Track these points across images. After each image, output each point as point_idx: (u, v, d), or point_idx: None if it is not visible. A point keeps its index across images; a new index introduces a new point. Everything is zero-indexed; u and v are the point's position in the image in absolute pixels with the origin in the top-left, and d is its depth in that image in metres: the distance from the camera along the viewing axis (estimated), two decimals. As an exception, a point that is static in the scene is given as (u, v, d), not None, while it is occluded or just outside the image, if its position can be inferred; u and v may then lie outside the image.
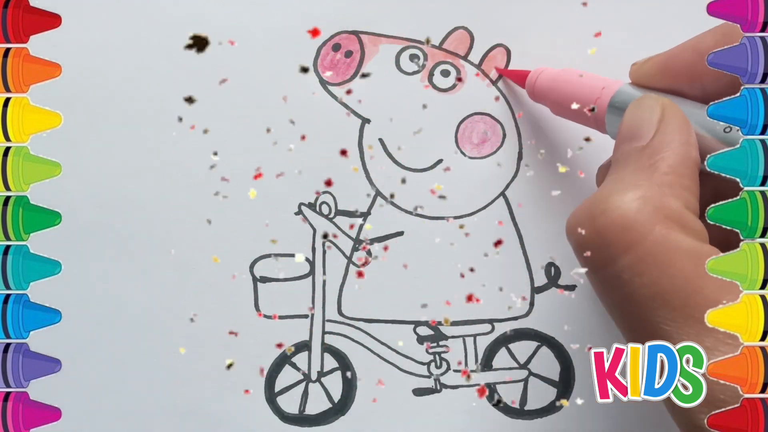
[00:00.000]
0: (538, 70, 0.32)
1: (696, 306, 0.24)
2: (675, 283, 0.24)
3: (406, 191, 0.33)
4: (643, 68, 0.29)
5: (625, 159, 0.26)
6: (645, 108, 0.27)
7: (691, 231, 0.25)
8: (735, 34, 0.27)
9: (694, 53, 0.28)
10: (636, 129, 0.27)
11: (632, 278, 0.24)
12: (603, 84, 0.30)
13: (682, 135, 0.26)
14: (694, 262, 0.24)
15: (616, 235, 0.24)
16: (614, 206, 0.25)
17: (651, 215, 0.24)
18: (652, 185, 0.25)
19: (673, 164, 0.25)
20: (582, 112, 0.30)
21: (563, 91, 0.31)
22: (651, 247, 0.24)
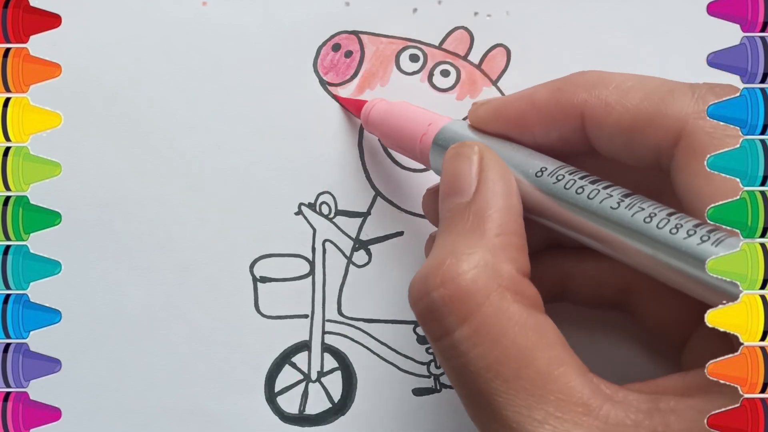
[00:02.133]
0: (372, 102, 0.32)
1: (527, 378, 0.24)
2: (507, 354, 0.24)
3: (406, 191, 0.33)
4: (479, 111, 0.29)
5: (452, 218, 0.26)
6: (463, 158, 0.27)
7: (523, 298, 0.25)
8: (568, 89, 0.27)
9: (528, 103, 0.28)
10: (456, 182, 0.27)
11: (468, 349, 0.24)
12: (430, 120, 0.30)
13: (503, 186, 0.26)
14: (526, 334, 0.24)
15: (452, 306, 0.24)
16: (449, 278, 0.25)
17: (485, 284, 0.24)
18: (484, 251, 0.25)
19: (500, 223, 0.25)
20: (410, 148, 0.30)
21: (393, 125, 0.31)
22: (485, 318, 0.24)
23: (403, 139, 0.30)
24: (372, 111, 0.32)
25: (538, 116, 0.28)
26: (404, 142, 0.30)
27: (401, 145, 0.31)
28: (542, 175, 0.27)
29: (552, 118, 0.27)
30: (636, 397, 0.24)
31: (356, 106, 0.33)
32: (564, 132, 0.27)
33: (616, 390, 0.24)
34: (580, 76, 0.28)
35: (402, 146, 0.31)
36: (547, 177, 0.27)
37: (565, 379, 0.24)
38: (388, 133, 0.31)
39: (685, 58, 0.33)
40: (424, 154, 0.30)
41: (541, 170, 0.27)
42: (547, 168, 0.27)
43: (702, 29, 0.33)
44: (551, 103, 0.27)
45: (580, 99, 0.27)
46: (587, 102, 0.27)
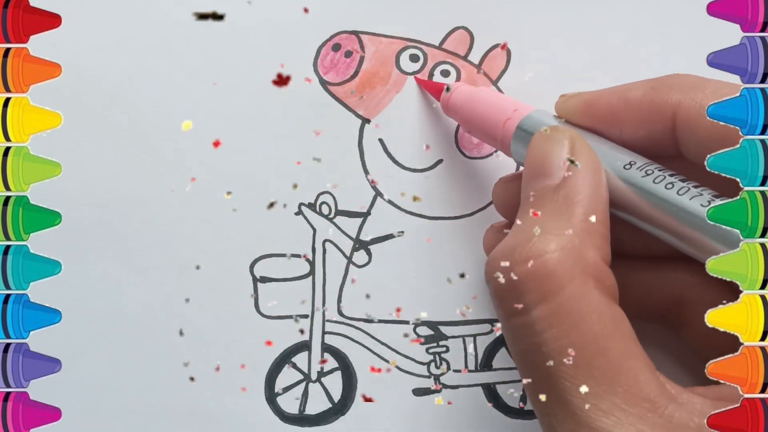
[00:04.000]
0: (454, 85, 0.32)
1: (598, 367, 0.24)
2: (583, 340, 0.24)
3: (406, 191, 0.33)
4: (569, 102, 0.29)
5: (540, 199, 0.26)
6: (553, 142, 0.27)
7: (604, 287, 0.25)
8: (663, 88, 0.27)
9: (620, 99, 0.28)
10: (546, 165, 0.27)
11: (543, 329, 0.24)
12: (515, 106, 0.30)
13: (593, 175, 0.26)
14: (603, 322, 0.24)
15: (534, 284, 0.24)
16: (536, 255, 0.24)
17: (570, 267, 0.24)
18: (572, 236, 0.25)
19: (589, 209, 0.25)
20: (490, 132, 0.30)
21: (475, 109, 0.31)
22: (566, 300, 0.24)
23: (485, 123, 0.30)
24: (454, 93, 0.32)
25: (629, 113, 0.28)
26: (486, 127, 0.30)
27: (483, 129, 0.30)
28: (631, 168, 0.26)
29: (644, 116, 0.27)
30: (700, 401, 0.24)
31: (436, 89, 0.32)
32: (654, 132, 0.27)
33: (680, 391, 0.24)
34: (677, 78, 0.27)
35: (483, 131, 0.30)
36: (635, 170, 0.26)
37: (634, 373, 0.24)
38: (469, 117, 0.31)
39: (685, 58, 0.33)
40: (506, 140, 0.29)
41: (630, 164, 0.27)
42: (636, 162, 0.27)
43: (702, 29, 0.33)
44: (644, 101, 0.27)
45: (674, 100, 0.27)
46: (682, 103, 0.27)
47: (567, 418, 0.24)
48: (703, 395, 0.24)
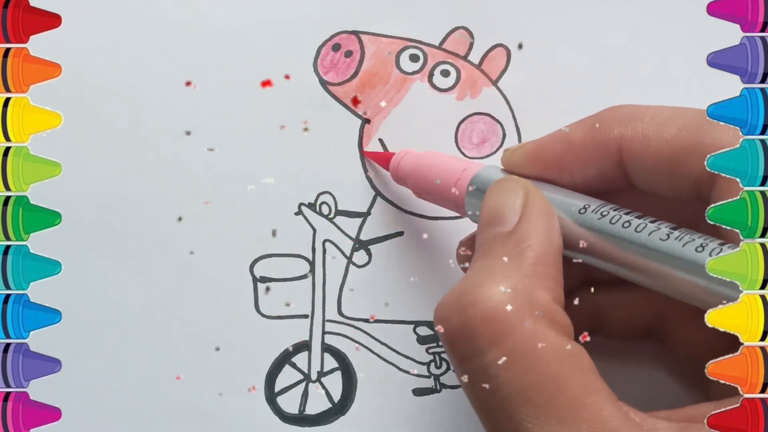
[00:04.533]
0: (401, 153, 0.32)
1: (559, 405, 0.23)
2: (540, 380, 0.23)
3: (406, 191, 0.33)
4: (514, 155, 0.29)
5: (491, 245, 0.26)
6: (507, 191, 0.27)
7: (558, 326, 0.25)
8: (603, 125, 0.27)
9: (564, 144, 0.28)
10: (499, 213, 0.27)
11: (498, 372, 0.24)
12: (464, 166, 0.30)
13: (545, 221, 0.26)
14: (560, 360, 0.24)
15: (485, 327, 0.24)
16: (484, 297, 0.24)
17: (521, 309, 0.24)
18: (521, 277, 0.25)
19: (539, 254, 0.25)
20: (443, 195, 0.30)
21: (425, 173, 0.31)
22: (519, 342, 0.24)
23: (436, 187, 0.30)
24: (401, 163, 0.32)
25: (575, 156, 0.28)
26: (438, 190, 0.30)
27: (435, 193, 0.30)
28: (586, 212, 0.26)
29: (590, 155, 0.27)
30: (665, 425, 0.24)
31: (384, 159, 0.33)
32: (602, 169, 0.27)
33: (644, 418, 0.24)
34: (615, 111, 0.27)
35: (436, 194, 0.30)
36: (591, 213, 0.26)
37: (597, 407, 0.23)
38: (420, 183, 0.31)
39: (685, 58, 0.33)
40: (459, 200, 0.29)
41: (585, 207, 0.27)
42: (590, 205, 0.27)
43: (702, 29, 0.33)
44: (588, 141, 0.27)
45: (616, 134, 0.27)
46: (624, 136, 0.27)
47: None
48: (668, 419, 0.24)
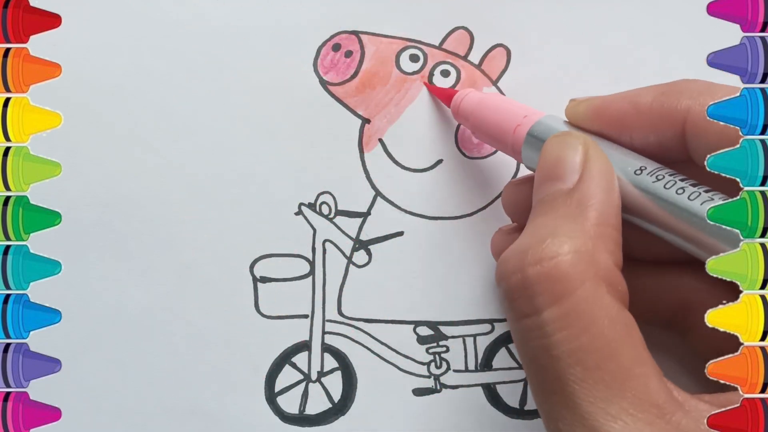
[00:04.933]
0: (464, 91, 0.32)
1: (608, 371, 0.23)
2: (594, 343, 0.24)
3: (406, 191, 0.33)
4: (578, 107, 0.29)
5: (552, 202, 0.26)
6: (567, 146, 0.27)
7: (616, 292, 0.25)
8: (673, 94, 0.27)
9: (630, 105, 0.28)
10: (559, 169, 0.27)
11: (554, 331, 0.24)
12: (525, 112, 0.29)
13: (606, 180, 0.26)
14: (615, 327, 0.24)
15: (546, 286, 0.24)
16: (548, 256, 0.24)
17: (583, 270, 0.24)
18: (584, 238, 0.25)
19: (602, 214, 0.25)
20: (501, 138, 0.30)
21: (485, 115, 0.31)
22: (577, 303, 0.24)
23: (495, 129, 0.30)
24: (464, 101, 0.32)
25: (639, 119, 0.28)
26: (497, 133, 0.30)
27: (494, 135, 0.30)
28: (641, 173, 0.26)
29: (654, 122, 0.27)
30: (706, 408, 0.24)
31: (446, 96, 0.33)
32: (664, 137, 0.27)
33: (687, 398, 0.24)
34: (686, 83, 0.27)
35: (494, 137, 0.30)
36: (646, 176, 0.26)
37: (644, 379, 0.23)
38: (479, 124, 0.31)
39: (685, 58, 0.33)
40: (517, 146, 0.29)
41: (641, 169, 0.27)
42: (646, 167, 0.27)
43: (702, 29, 0.33)
44: (654, 107, 0.27)
45: (684, 105, 0.27)
46: (691, 109, 0.27)
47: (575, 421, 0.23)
48: (710, 402, 0.24)
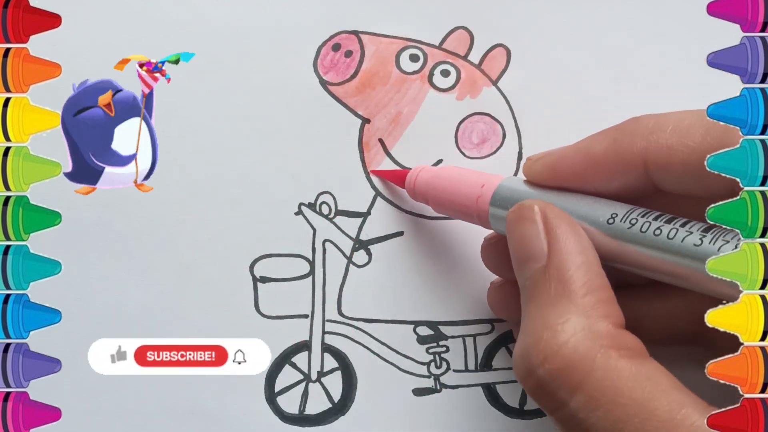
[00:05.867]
0: (416, 169, 0.32)
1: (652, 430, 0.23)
2: (627, 411, 0.23)
3: (406, 191, 0.33)
4: (535, 167, 0.29)
5: (534, 287, 0.26)
6: (526, 221, 0.27)
7: (628, 351, 0.25)
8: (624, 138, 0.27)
9: (584, 157, 0.28)
10: (527, 248, 0.26)
11: (586, 416, 0.24)
12: (482, 181, 0.29)
13: (575, 241, 0.26)
14: (641, 386, 0.24)
15: (561, 380, 0.24)
16: (552, 353, 0.24)
17: (588, 349, 0.24)
18: (577, 316, 0.25)
19: (584, 282, 0.25)
20: (464, 211, 0.30)
21: (443, 192, 0.30)
22: (597, 382, 0.24)
23: (457, 205, 0.30)
24: (417, 180, 0.31)
25: (597, 170, 0.27)
26: (459, 208, 0.30)
27: (456, 210, 0.30)
28: (614, 221, 0.26)
29: (612, 169, 0.27)
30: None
31: (399, 178, 0.32)
32: (627, 180, 0.27)
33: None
34: (635, 123, 0.27)
35: (457, 212, 0.30)
36: (619, 223, 0.26)
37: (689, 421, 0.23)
38: (439, 201, 0.31)
39: (685, 58, 0.33)
40: (483, 218, 0.29)
41: (612, 216, 0.26)
42: (617, 213, 0.26)
43: (702, 29, 0.33)
44: (610, 155, 0.27)
45: (639, 147, 0.26)
46: (648, 149, 0.26)
47: None
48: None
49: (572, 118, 0.33)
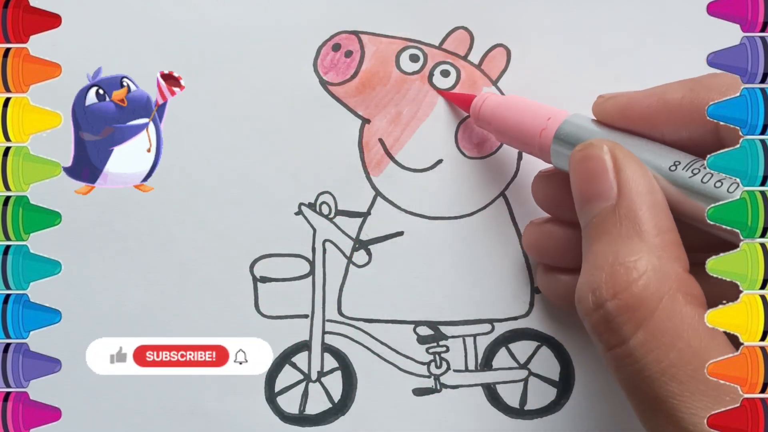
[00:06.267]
0: (483, 96, 0.32)
1: (703, 380, 0.24)
2: (683, 357, 0.24)
3: (406, 191, 0.33)
4: (606, 105, 0.29)
5: (602, 225, 0.26)
6: (595, 160, 0.27)
7: (692, 298, 0.25)
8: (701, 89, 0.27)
9: (659, 101, 0.28)
10: (594, 187, 0.26)
11: (643, 355, 0.24)
12: (548, 114, 0.29)
13: (645, 185, 0.26)
14: (699, 335, 0.24)
15: (627, 316, 0.24)
16: (622, 287, 0.24)
17: (657, 289, 0.24)
18: (649, 255, 0.25)
19: (656, 223, 0.25)
20: (526, 141, 0.30)
21: (507, 119, 0.30)
22: (659, 322, 0.24)
23: (520, 134, 0.30)
24: (483, 106, 0.31)
25: (669, 116, 0.27)
26: (522, 138, 0.30)
27: (519, 140, 0.30)
28: (676, 169, 0.26)
29: (685, 118, 0.27)
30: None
31: (464, 101, 0.32)
32: (696, 133, 0.27)
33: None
34: (714, 78, 0.27)
35: (520, 141, 0.30)
36: (681, 171, 0.26)
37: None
38: (502, 129, 0.30)
39: (685, 58, 0.33)
40: (545, 150, 0.29)
41: (675, 164, 0.26)
42: (680, 162, 0.26)
43: (702, 29, 0.33)
44: (684, 104, 0.27)
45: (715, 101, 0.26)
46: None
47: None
48: None
49: (572, 118, 0.33)
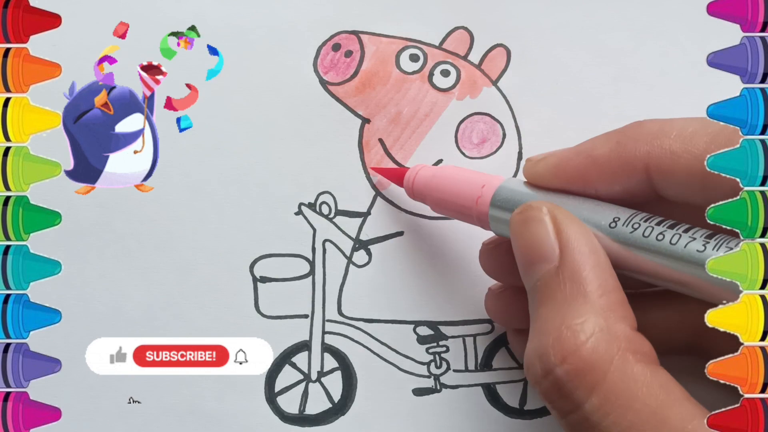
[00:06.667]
0: (415, 168, 0.31)
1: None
2: (641, 417, 0.23)
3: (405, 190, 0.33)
4: (536, 168, 0.28)
5: (545, 288, 0.26)
6: (535, 222, 0.26)
7: (643, 356, 0.24)
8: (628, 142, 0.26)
9: (587, 159, 0.27)
10: (537, 250, 0.26)
11: (600, 419, 0.24)
12: (482, 181, 0.29)
13: (586, 243, 0.25)
14: (654, 393, 0.24)
15: (578, 381, 0.24)
16: (570, 352, 0.24)
17: (606, 350, 0.24)
18: (595, 316, 0.24)
19: (600, 283, 0.25)
20: (463, 211, 0.29)
21: (442, 190, 0.30)
22: (612, 385, 0.24)
23: (456, 205, 0.30)
24: (416, 179, 0.31)
25: (599, 172, 0.27)
26: (458, 208, 0.30)
27: (456, 210, 0.30)
28: (616, 225, 0.26)
29: (615, 173, 0.27)
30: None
31: (397, 175, 0.32)
32: (629, 185, 0.27)
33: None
34: (639, 127, 0.27)
35: (457, 212, 0.30)
36: (622, 227, 0.26)
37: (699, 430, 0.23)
38: (438, 201, 0.30)
39: (685, 58, 0.33)
40: (483, 218, 0.29)
41: (614, 220, 0.26)
42: (620, 217, 0.26)
43: (702, 29, 0.33)
44: (612, 158, 0.27)
45: (642, 152, 0.26)
46: (651, 154, 0.26)
47: None
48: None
49: (572, 118, 0.33)
